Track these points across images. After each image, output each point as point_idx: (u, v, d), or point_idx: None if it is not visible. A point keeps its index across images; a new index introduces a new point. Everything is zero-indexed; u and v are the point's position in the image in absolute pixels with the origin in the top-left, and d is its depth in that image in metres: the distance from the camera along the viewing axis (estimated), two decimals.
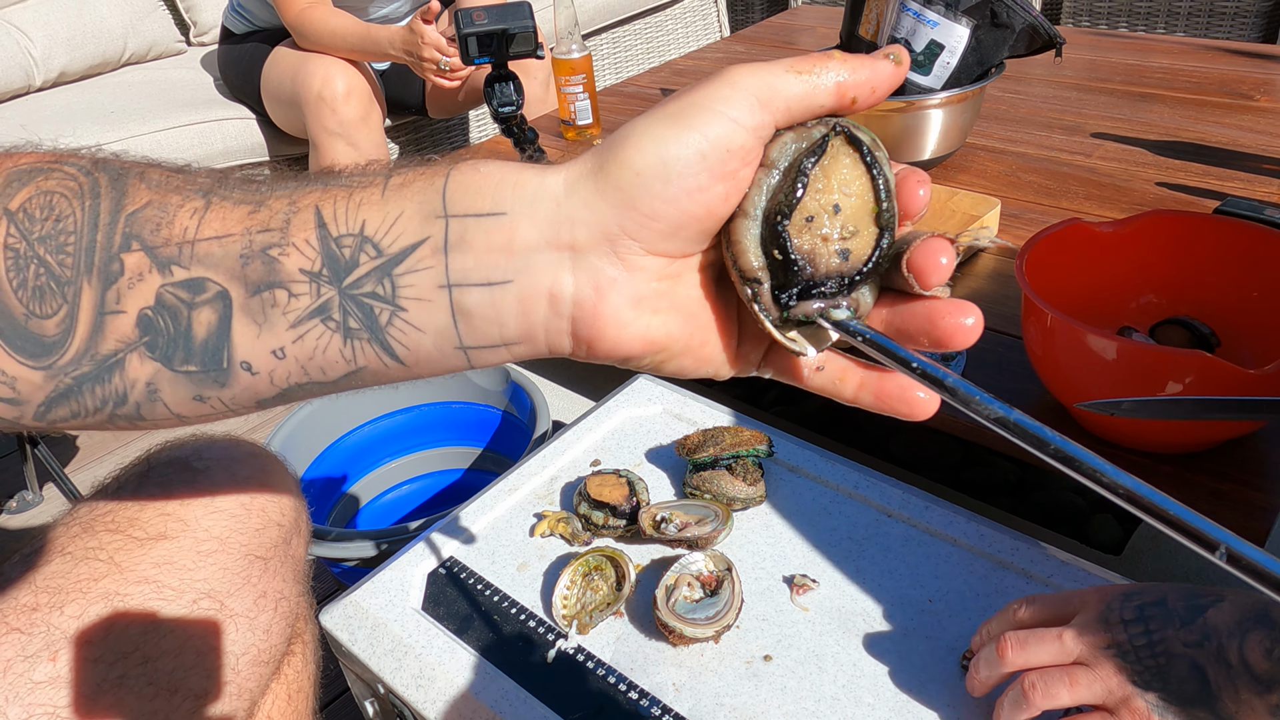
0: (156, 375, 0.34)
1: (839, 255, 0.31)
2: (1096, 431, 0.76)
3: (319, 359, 0.34)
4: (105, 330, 0.34)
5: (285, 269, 0.33)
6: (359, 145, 1.67)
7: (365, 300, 0.32)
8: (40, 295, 0.34)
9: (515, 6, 0.87)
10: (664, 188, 0.30)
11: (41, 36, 1.92)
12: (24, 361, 0.34)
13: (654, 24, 2.63)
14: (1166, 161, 1.21)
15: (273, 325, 0.33)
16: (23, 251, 0.34)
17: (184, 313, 0.34)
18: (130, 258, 0.34)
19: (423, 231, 0.32)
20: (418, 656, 0.70)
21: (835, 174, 0.30)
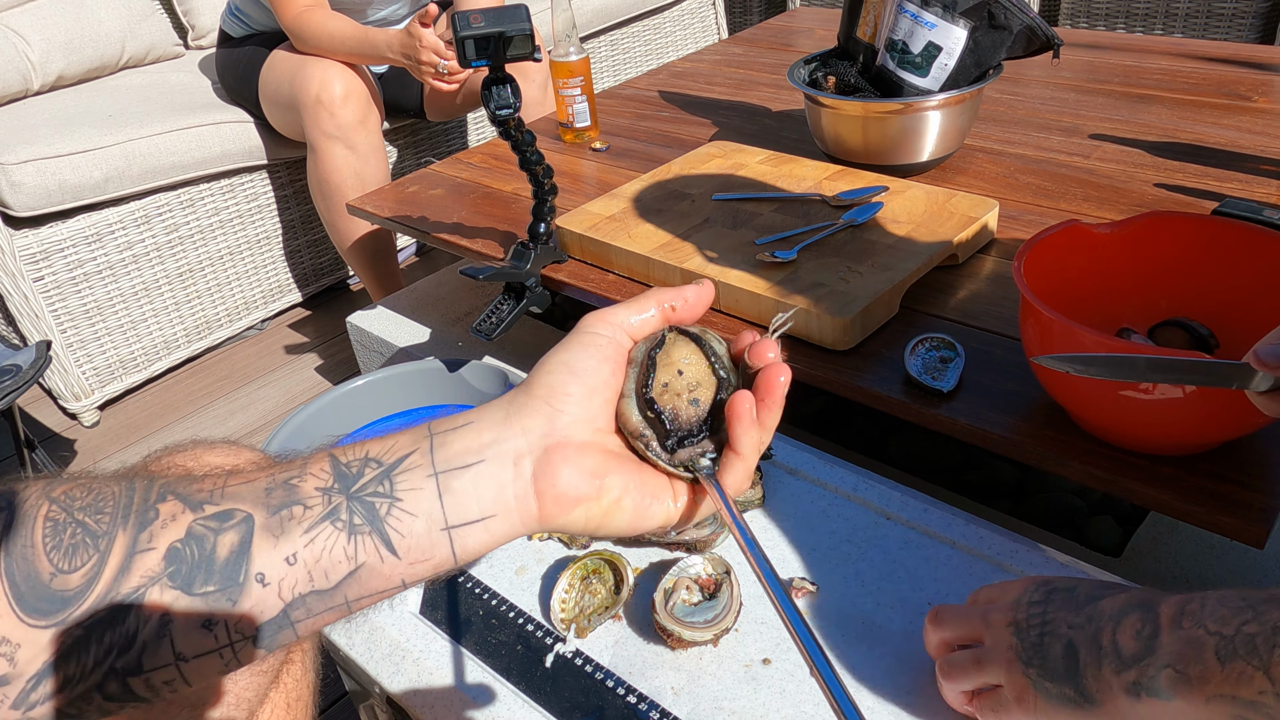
0: (173, 603, 0.39)
1: (692, 404, 0.44)
2: (1096, 433, 0.76)
3: (325, 560, 0.40)
4: (132, 569, 0.39)
5: (303, 491, 0.40)
6: (357, 148, 1.67)
7: (369, 499, 0.40)
8: (72, 552, 0.39)
9: (512, 9, 0.87)
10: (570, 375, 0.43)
11: (39, 40, 1.92)
12: (35, 622, 0.38)
13: (652, 26, 2.63)
14: (1165, 163, 1.20)
15: (289, 534, 0.40)
16: (62, 521, 0.39)
17: (210, 538, 0.39)
18: (166, 505, 0.40)
19: (413, 445, 0.42)
20: (416, 661, 0.70)
21: (675, 354, 0.44)
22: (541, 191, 1.06)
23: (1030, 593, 0.56)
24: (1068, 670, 0.51)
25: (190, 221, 1.84)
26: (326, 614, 0.41)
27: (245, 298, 1.98)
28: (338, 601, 0.40)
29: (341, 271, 2.14)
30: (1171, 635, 0.47)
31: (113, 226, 1.74)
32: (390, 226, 1.38)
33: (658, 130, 1.54)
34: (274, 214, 1.97)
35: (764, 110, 1.57)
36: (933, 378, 0.84)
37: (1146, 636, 0.48)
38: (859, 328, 0.90)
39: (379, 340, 1.39)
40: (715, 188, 1.18)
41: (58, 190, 1.63)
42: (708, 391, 0.44)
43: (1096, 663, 0.50)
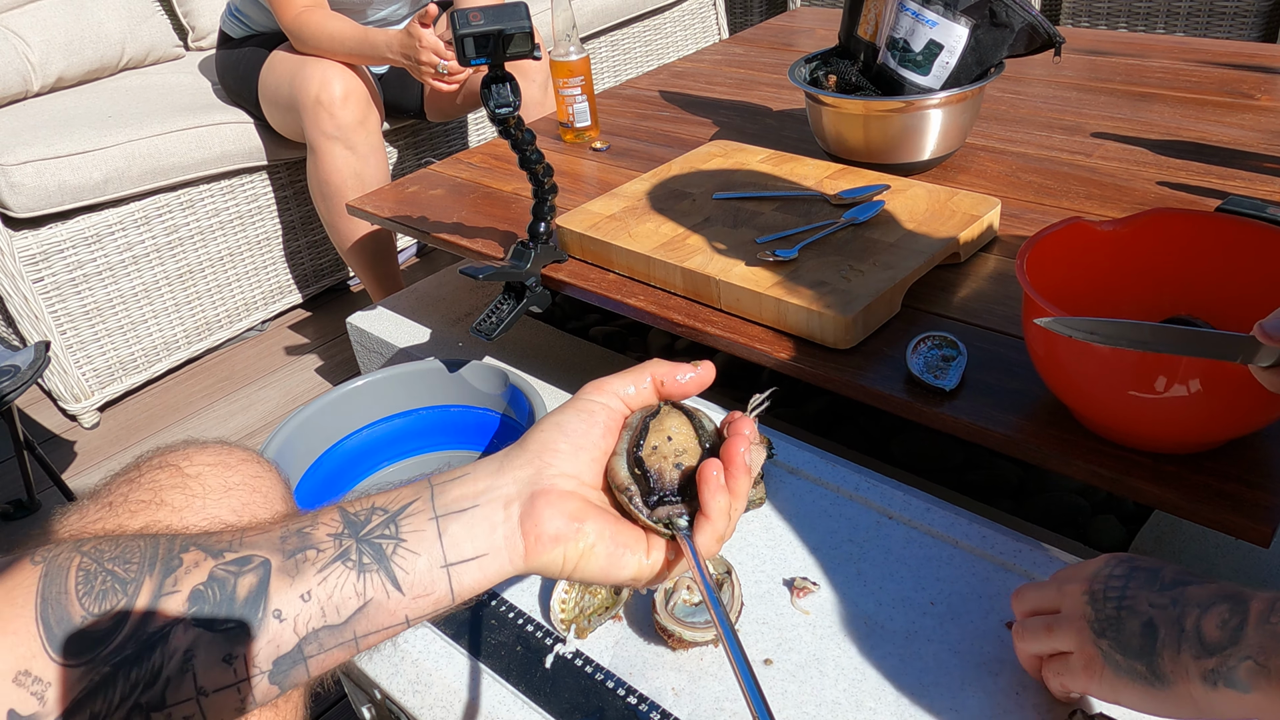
0: (196, 640, 0.42)
1: (675, 468, 0.48)
2: (1100, 432, 0.76)
3: (336, 597, 0.43)
4: (158, 610, 0.42)
5: (315, 537, 0.44)
6: (357, 149, 1.67)
7: (376, 540, 0.44)
8: (103, 597, 0.42)
9: (512, 7, 0.86)
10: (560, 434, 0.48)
11: (39, 41, 1.92)
12: (66, 661, 0.40)
13: (652, 26, 2.62)
14: (1167, 161, 1.20)
15: (304, 575, 0.43)
16: (93, 570, 0.42)
17: (231, 581, 0.43)
18: (189, 555, 0.43)
19: (416, 495, 0.46)
20: (414, 662, 0.69)
21: (667, 423, 0.49)
22: (541, 191, 1.06)
23: (1111, 566, 0.56)
24: (1143, 647, 0.51)
25: (190, 222, 1.84)
26: (336, 650, 0.44)
27: (245, 299, 1.98)
28: (347, 637, 0.44)
29: (341, 272, 2.13)
30: (1258, 629, 0.47)
31: (113, 227, 1.74)
32: (390, 227, 1.38)
33: (658, 130, 1.54)
34: (274, 215, 1.97)
35: (765, 110, 1.57)
36: (935, 376, 0.84)
37: (1233, 627, 0.48)
38: (861, 326, 0.90)
39: (379, 341, 1.39)
40: (716, 187, 1.17)
41: (57, 191, 1.63)
42: (691, 460, 0.48)
43: (1176, 645, 0.50)
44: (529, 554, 0.46)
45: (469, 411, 1.19)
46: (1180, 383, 0.66)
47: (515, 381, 1.10)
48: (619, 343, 1.34)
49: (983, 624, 0.65)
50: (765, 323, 0.95)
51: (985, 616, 0.66)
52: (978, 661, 0.63)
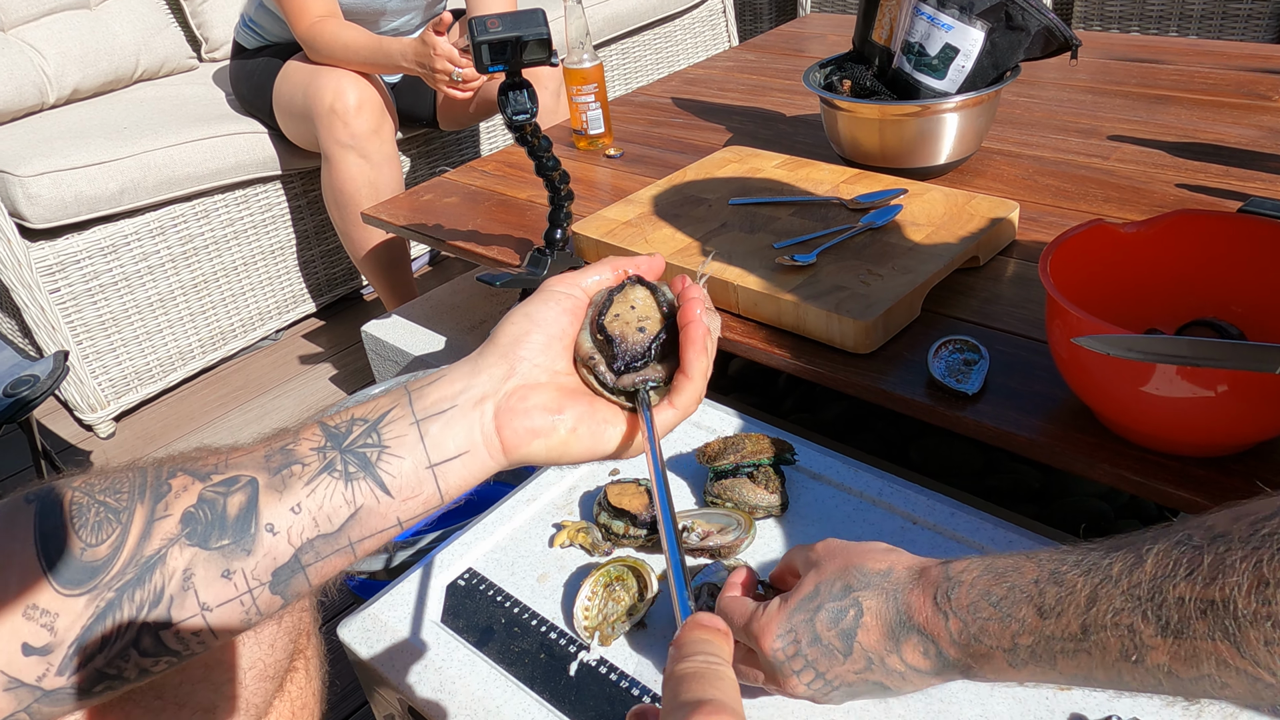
0: (193, 559, 0.43)
1: (639, 331, 0.49)
2: (1125, 435, 0.75)
3: (327, 506, 0.44)
4: (152, 534, 0.43)
5: (299, 452, 0.45)
6: (370, 158, 1.67)
7: (360, 450, 0.45)
8: (98, 528, 0.43)
9: (529, 14, 0.86)
10: (530, 324, 0.49)
11: (55, 54, 1.93)
12: (70, 592, 0.42)
13: (663, 34, 2.63)
14: (1185, 163, 1.19)
15: (291, 489, 0.44)
16: (85, 503, 0.44)
17: (220, 501, 0.44)
18: (176, 480, 0.45)
19: (394, 402, 0.47)
20: (438, 669, 0.69)
21: (630, 294, 0.51)
22: (558, 197, 1.06)
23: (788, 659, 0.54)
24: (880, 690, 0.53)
25: (205, 232, 1.85)
26: (333, 557, 0.45)
27: (260, 308, 1.99)
28: (342, 544, 0.45)
29: (355, 281, 2.14)
30: None
31: (128, 238, 1.75)
32: (406, 235, 1.38)
33: (672, 136, 1.54)
34: (288, 224, 1.97)
35: (778, 115, 1.57)
36: (957, 380, 0.83)
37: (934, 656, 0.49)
38: (881, 331, 0.89)
39: (394, 349, 1.39)
40: (732, 192, 1.17)
41: (74, 202, 1.64)
42: (654, 324, 0.50)
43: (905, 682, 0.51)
44: (507, 449, 0.47)
45: None
46: (1209, 387, 0.65)
47: None
48: None
49: None
50: (784, 327, 0.95)
51: None
52: None
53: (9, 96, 1.85)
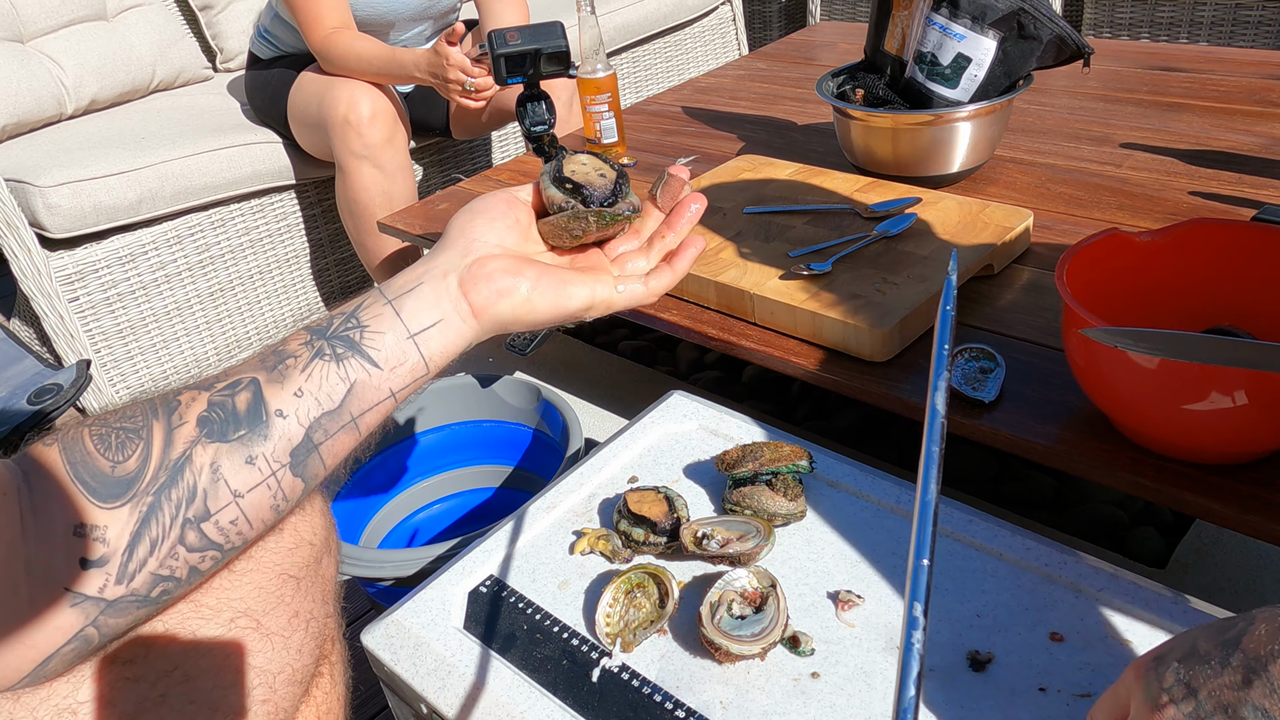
0: (217, 454, 0.48)
1: (601, 177, 0.57)
2: (1142, 442, 0.75)
3: (325, 386, 0.50)
4: (174, 440, 0.48)
5: (290, 348, 0.51)
6: (384, 167, 1.69)
7: (343, 333, 0.51)
8: (122, 447, 0.47)
9: (548, 27, 0.88)
10: (474, 214, 0.56)
11: (73, 65, 1.96)
12: (112, 506, 0.46)
13: (673, 43, 2.64)
14: (1198, 171, 1.20)
15: (290, 378, 0.50)
16: (104, 432, 0.48)
17: (229, 401, 0.49)
18: (184, 395, 0.50)
19: (366, 295, 0.53)
20: (461, 676, 0.70)
21: (577, 157, 0.59)
22: None
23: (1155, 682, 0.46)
24: None
25: (221, 241, 1.87)
26: (340, 434, 0.51)
27: (275, 316, 2.00)
28: (346, 419, 0.51)
29: (368, 290, 2.15)
30: None
31: (146, 247, 1.76)
32: (422, 244, 1.39)
33: (684, 145, 1.55)
34: (302, 233, 1.99)
35: (790, 124, 1.58)
36: (973, 388, 0.84)
37: None
38: (897, 339, 0.90)
39: None
40: (746, 201, 1.18)
41: (93, 212, 1.66)
42: (611, 171, 0.57)
43: None
44: (477, 312, 0.53)
45: (501, 426, 1.19)
46: (1227, 394, 0.66)
47: (548, 396, 1.11)
48: (648, 357, 1.35)
49: (1030, 636, 0.65)
50: (800, 336, 0.95)
51: (1033, 628, 0.66)
52: (1027, 674, 0.63)
53: (28, 107, 1.87)
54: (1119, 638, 0.64)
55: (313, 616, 0.62)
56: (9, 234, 1.60)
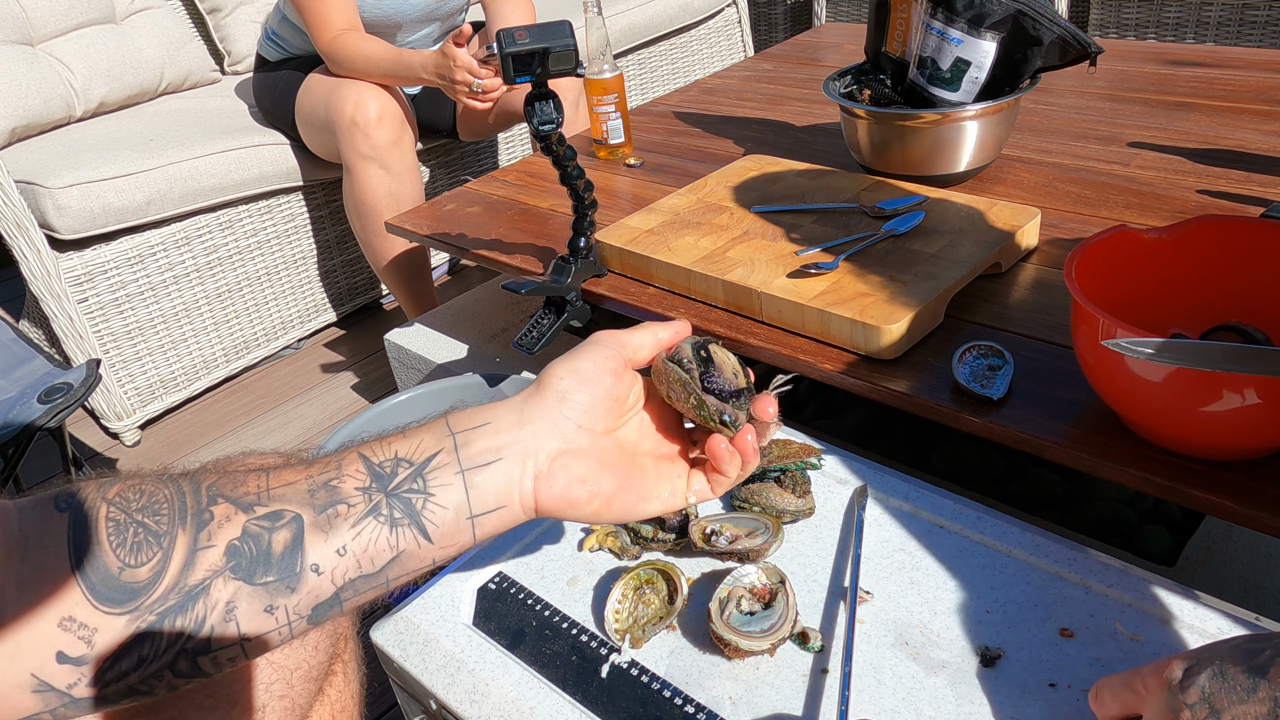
0: (237, 592, 0.44)
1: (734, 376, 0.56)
2: (1152, 439, 0.75)
3: (370, 550, 0.46)
4: (196, 564, 0.43)
5: (344, 491, 0.46)
6: (391, 168, 1.69)
7: (405, 495, 0.46)
8: (138, 549, 0.43)
9: (556, 26, 0.88)
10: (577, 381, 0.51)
11: (81, 68, 1.97)
12: (110, 610, 0.42)
13: (679, 44, 2.65)
14: (1206, 169, 1.20)
15: (337, 530, 0.45)
16: (123, 521, 0.43)
17: (265, 536, 0.44)
18: (218, 508, 0.44)
19: (439, 445, 0.48)
20: (470, 672, 0.70)
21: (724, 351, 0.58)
22: (582, 206, 1.07)
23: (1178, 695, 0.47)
24: None
25: (229, 242, 1.87)
26: (369, 592, 0.47)
27: (282, 317, 2.01)
28: (380, 582, 0.47)
29: (375, 291, 2.16)
30: None
31: (154, 248, 1.77)
32: (429, 244, 1.40)
33: (691, 146, 1.55)
34: (310, 234, 2.00)
35: (796, 124, 1.58)
36: (982, 385, 0.84)
37: None
38: (906, 337, 0.90)
39: (417, 357, 1.41)
40: (754, 200, 1.18)
41: (102, 213, 1.66)
42: (744, 381, 0.55)
43: None
44: (540, 508, 0.50)
45: None
46: (1237, 391, 0.66)
47: None
48: None
49: (1039, 632, 0.65)
50: (808, 334, 0.96)
51: (1042, 624, 0.66)
52: (1037, 669, 0.62)
53: (38, 110, 1.88)
54: (1129, 634, 0.64)
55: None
56: (19, 235, 1.61)
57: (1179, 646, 0.63)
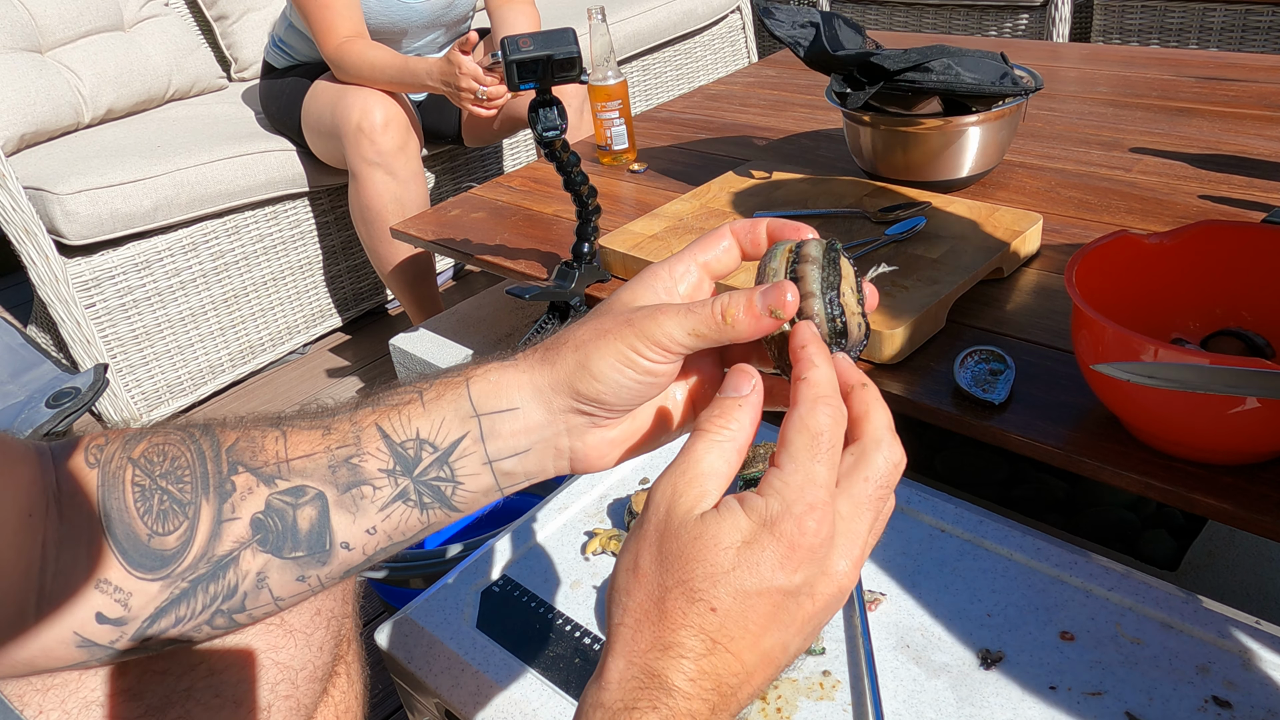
0: (267, 565, 0.44)
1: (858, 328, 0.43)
2: (1154, 444, 0.76)
3: (402, 527, 0.45)
4: (222, 535, 0.44)
5: (367, 471, 0.44)
6: (397, 174, 1.70)
7: (433, 483, 0.45)
8: (164, 517, 0.43)
9: (560, 33, 0.89)
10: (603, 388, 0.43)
11: (90, 75, 1.98)
12: (142, 575, 0.43)
13: (684, 50, 2.66)
14: (1208, 175, 1.20)
15: (365, 511, 0.44)
16: (148, 486, 0.44)
17: (290, 512, 0.44)
18: (239, 478, 0.44)
19: (463, 428, 0.44)
20: (475, 674, 0.70)
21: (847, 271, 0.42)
22: (586, 211, 1.08)
23: None
24: None
25: (236, 248, 1.88)
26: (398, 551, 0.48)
27: (288, 322, 2.02)
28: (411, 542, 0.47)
29: (380, 296, 2.17)
30: None
31: (161, 254, 1.78)
32: (434, 249, 1.41)
33: (695, 151, 1.56)
34: (315, 240, 2.01)
35: (799, 130, 1.59)
36: (983, 390, 0.84)
37: None
38: (907, 341, 0.90)
39: (421, 362, 1.41)
40: (756, 205, 1.19)
41: (109, 219, 1.68)
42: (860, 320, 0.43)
43: None
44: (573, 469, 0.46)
45: None
46: (1240, 398, 0.66)
47: None
48: None
49: (1040, 635, 0.66)
50: None
51: (1043, 628, 0.66)
52: (1038, 672, 0.63)
53: (46, 116, 1.89)
54: (1130, 637, 0.64)
55: (333, 614, 0.63)
56: (27, 241, 1.62)
57: (1179, 650, 0.63)
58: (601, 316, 0.43)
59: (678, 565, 0.36)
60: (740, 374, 0.40)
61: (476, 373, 0.45)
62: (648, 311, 0.42)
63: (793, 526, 0.36)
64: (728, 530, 0.36)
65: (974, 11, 2.60)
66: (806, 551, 0.36)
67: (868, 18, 2.85)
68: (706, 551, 0.36)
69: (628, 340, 0.41)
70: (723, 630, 0.36)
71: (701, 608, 0.36)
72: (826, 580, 0.37)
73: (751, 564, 0.36)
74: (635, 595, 0.37)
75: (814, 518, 0.36)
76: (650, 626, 0.36)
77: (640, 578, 0.37)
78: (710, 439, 0.38)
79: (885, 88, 1.13)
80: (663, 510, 0.38)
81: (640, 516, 0.39)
